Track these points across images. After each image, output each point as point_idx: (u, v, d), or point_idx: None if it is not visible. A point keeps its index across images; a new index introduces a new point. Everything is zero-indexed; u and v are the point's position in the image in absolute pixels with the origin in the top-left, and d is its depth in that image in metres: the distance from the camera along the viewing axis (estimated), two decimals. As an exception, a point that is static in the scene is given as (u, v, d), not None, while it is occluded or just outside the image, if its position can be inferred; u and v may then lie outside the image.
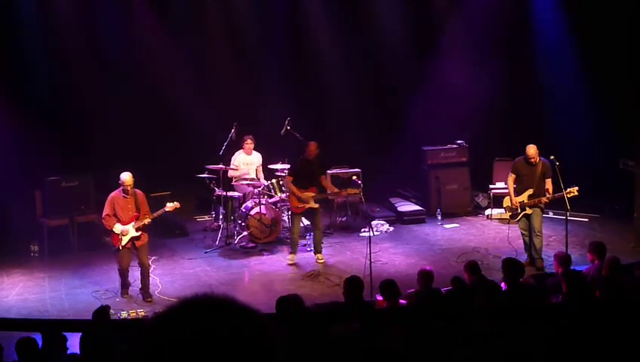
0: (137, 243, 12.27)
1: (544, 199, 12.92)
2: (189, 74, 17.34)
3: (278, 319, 7.35)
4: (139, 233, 12.22)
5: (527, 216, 13.10)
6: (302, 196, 13.54)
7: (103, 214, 12.29)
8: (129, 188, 12.12)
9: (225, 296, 1.98)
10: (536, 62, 17.79)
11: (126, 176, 12.11)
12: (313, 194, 13.46)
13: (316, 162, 13.75)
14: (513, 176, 13.32)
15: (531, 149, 12.98)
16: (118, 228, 12.13)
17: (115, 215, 12.18)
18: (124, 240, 12.15)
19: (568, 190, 12.64)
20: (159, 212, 12.45)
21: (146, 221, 12.20)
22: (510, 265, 9.66)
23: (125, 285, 12.43)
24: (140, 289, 12.43)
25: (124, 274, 12.39)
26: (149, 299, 12.28)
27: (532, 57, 17.80)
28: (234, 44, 17.78)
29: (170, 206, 12.49)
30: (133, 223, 12.17)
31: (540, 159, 12.98)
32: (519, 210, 13.11)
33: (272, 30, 17.76)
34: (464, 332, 7.07)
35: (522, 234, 13.33)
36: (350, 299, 8.95)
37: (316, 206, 13.61)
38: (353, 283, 9.03)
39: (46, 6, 16.17)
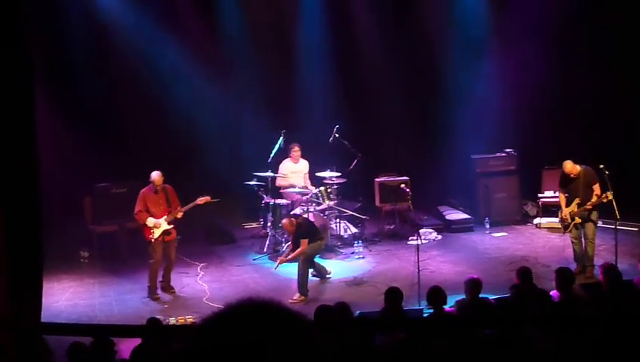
0: (167, 238, 12.71)
1: (588, 206, 12.78)
2: (237, 82, 17.45)
3: (319, 327, 7.34)
4: (170, 226, 12.68)
5: (580, 225, 12.97)
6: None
7: (135, 210, 12.75)
8: (158, 187, 12.64)
9: (269, 300, 2.00)
10: (588, 65, 17.18)
11: (157, 176, 12.66)
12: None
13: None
14: (562, 189, 13.24)
15: (567, 166, 12.91)
16: (151, 221, 12.62)
17: (147, 210, 12.66)
18: (157, 233, 12.61)
19: (603, 195, 12.52)
20: (190, 205, 12.84)
21: (178, 214, 12.70)
22: (562, 275, 9.54)
23: (156, 287, 12.79)
24: (161, 281, 12.90)
25: (155, 271, 12.74)
26: (172, 291, 12.87)
27: (583, 60, 17.33)
28: (282, 51, 17.84)
29: (201, 199, 12.91)
30: (165, 217, 12.64)
31: (580, 168, 12.86)
32: (569, 220, 13.00)
33: (319, 37, 17.74)
34: (515, 340, 7.01)
35: (573, 242, 13.18)
36: (389, 310, 8.99)
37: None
38: (392, 294, 9.07)
39: (94, 12, 16.26)
